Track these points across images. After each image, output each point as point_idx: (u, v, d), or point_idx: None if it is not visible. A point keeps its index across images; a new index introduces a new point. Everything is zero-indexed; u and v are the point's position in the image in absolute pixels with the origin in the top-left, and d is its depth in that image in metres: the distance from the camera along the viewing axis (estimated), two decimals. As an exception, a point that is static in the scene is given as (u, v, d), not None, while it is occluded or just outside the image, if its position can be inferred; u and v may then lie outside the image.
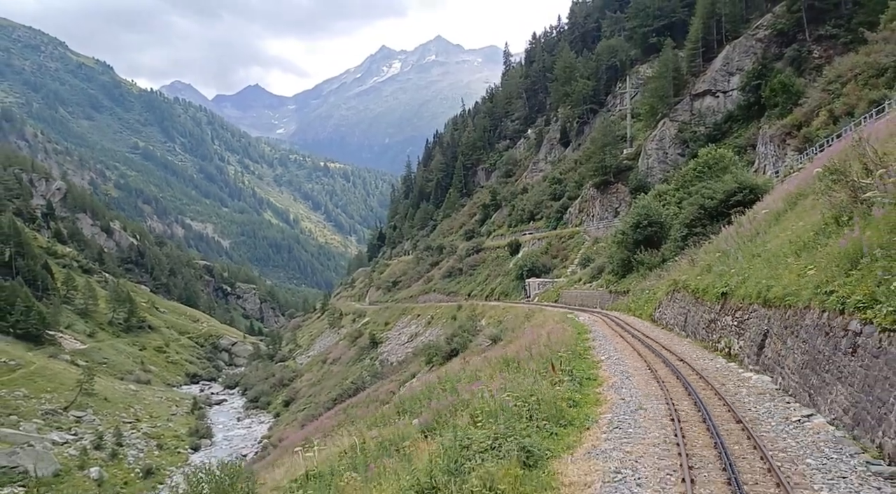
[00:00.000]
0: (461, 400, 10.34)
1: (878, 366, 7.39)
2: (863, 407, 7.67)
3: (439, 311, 73.29)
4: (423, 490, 5.85)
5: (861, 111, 37.69)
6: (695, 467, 7.53)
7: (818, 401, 9.08)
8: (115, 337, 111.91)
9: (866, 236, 8.83)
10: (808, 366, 9.58)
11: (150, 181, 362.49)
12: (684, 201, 32.73)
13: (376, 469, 7.29)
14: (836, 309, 8.72)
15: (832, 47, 57.23)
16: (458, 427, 7.27)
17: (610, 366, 13.48)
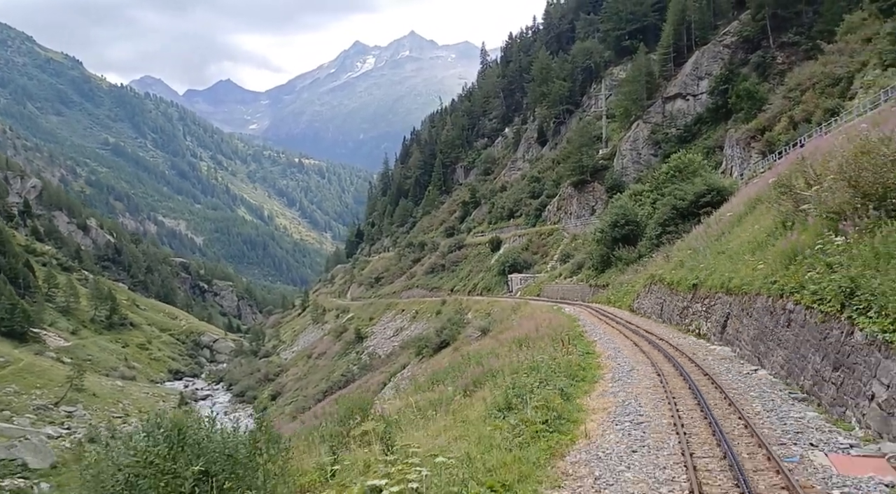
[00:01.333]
0: (490, 369, 13.06)
1: (804, 334, 10.36)
2: (793, 363, 10.64)
3: (424, 306, 75.83)
4: (502, 407, 8.58)
5: (818, 118, 41.15)
6: (676, 398, 10.69)
7: (764, 362, 12.14)
8: (98, 334, 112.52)
9: (801, 239, 11.73)
10: (758, 338, 12.60)
11: (122, 177, 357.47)
12: (658, 202, 35.86)
13: (447, 408, 9.93)
14: (777, 295, 11.68)
15: (794, 54, 60.92)
16: (513, 375, 10.09)
17: (603, 344, 16.35)
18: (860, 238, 9.43)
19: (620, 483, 7.12)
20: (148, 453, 4.97)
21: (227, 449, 5.45)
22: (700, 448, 8.12)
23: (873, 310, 8.20)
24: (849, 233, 9.88)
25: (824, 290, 9.64)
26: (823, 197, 11.56)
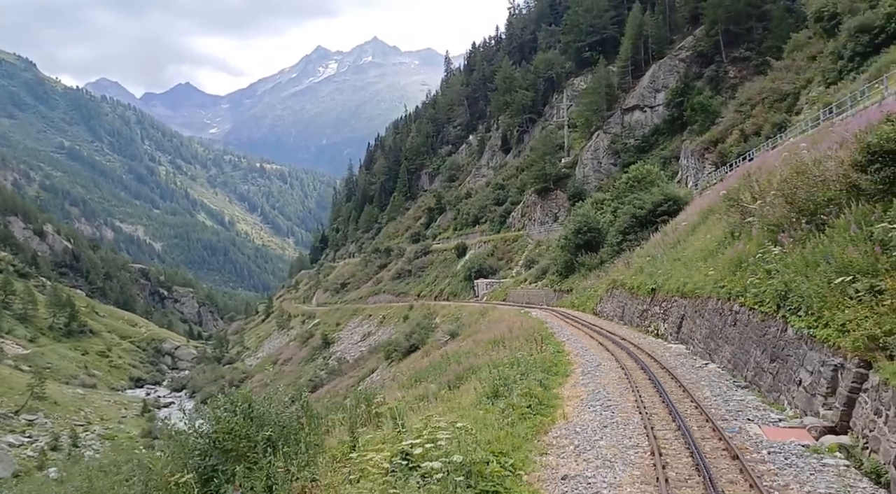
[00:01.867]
0: (472, 366, 14.28)
1: (747, 332, 11.88)
2: (738, 357, 12.17)
3: (391, 311, 76.74)
4: (491, 395, 9.85)
5: (767, 131, 43.59)
6: (639, 387, 12.21)
7: (714, 357, 13.66)
8: (57, 341, 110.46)
9: (746, 248, 13.27)
10: (709, 336, 14.13)
11: (77, 182, 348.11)
12: (618, 210, 37.68)
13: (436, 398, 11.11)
14: (725, 298, 13.21)
15: (745, 68, 63.98)
16: (496, 369, 11.41)
17: (571, 344, 17.74)
18: (793, 248, 10.95)
19: (596, 449, 8.61)
20: (228, 422, 6.11)
21: (281, 422, 6.60)
22: (659, 423, 9.72)
23: (802, 310, 9.69)
24: (785, 244, 11.41)
25: (763, 293, 11.17)
26: (765, 211, 13.12)
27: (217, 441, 5.98)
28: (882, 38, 37.16)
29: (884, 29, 37.16)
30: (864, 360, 7.57)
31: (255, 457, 5.81)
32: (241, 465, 5.66)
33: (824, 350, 8.60)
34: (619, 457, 8.27)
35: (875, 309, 7.69)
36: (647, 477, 7.49)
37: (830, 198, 10.19)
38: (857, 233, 8.82)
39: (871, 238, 8.39)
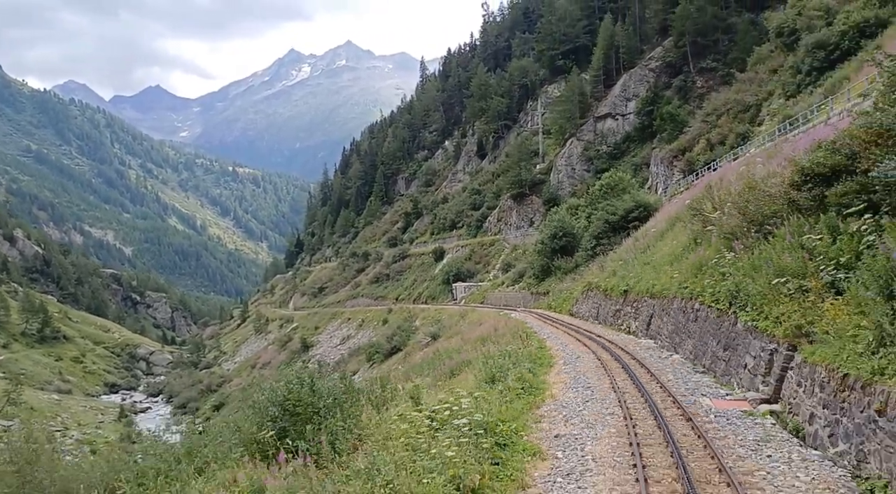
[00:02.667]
0: (465, 360, 15.80)
1: (705, 326, 13.63)
2: (698, 348, 13.91)
3: (370, 315, 77.84)
4: (488, 380, 11.43)
5: (731, 141, 45.85)
6: (613, 373, 13.97)
7: (678, 349, 15.42)
8: (30, 347, 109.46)
9: (706, 254, 15.02)
10: (674, 331, 15.86)
11: (45, 186, 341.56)
12: (592, 216, 39.56)
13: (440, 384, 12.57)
14: (688, 297, 14.94)
15: (712, 79, 66.58)
16: (490, 360, 12.97)
17: (552, 341, 19.34)
18: (744, 254, 12.67)
19: (580, 417, 10.60)
20: (297, 393, 7.62)
21: (333, 394, 8.12)
22: (630, 398, 11.77)
23: (748, 306, 11.41)
24: (737, 250, 13.13)
25: (719, 293, 12.90)
26: (722, 221, 14.86)
27: (288, 407, 7.50)
28: (837, 54, 39.50)
29: (838, 45, 39.50)
30: (791, 345, 9.33)
31: (318, 419, 7.35)
32: (310, 425, 7.17)
33: (763, 338, 10.35)
34: (599, 422, 10.43)
35: (801, 304, 9.41)
36: (621, 434, 9.69)
37: (775, 212, 11.92)
38: (791, 242, 10.54)
39: (802, 246, 10.11)
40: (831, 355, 7.85)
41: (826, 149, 10.39)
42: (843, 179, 9.51)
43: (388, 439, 7.02)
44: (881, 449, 6.71)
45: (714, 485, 7.25)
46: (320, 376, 8.88)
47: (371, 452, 6.23)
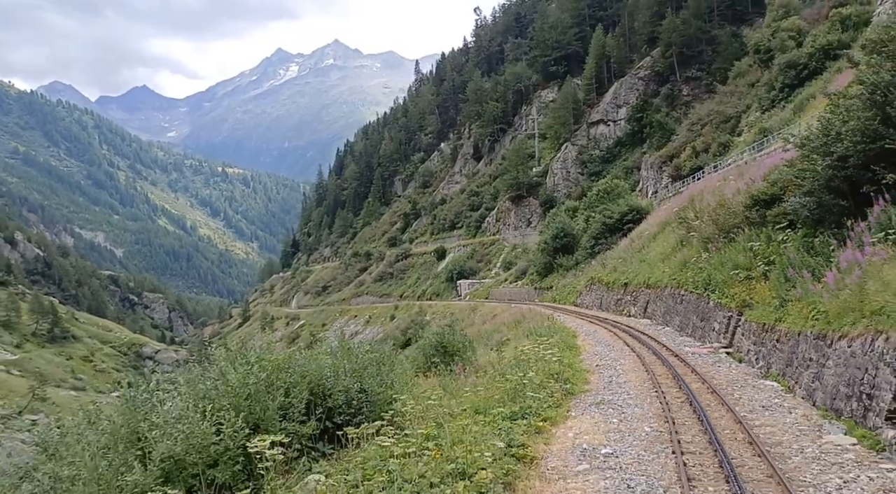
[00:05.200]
0: (505, 337, 20.39)
1: (689, 306, 18.45)
2: (683, 322, 18.71)
3: (377, 311, 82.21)
4: (542, 340, 16.17)
5: (714, 150, 50.58)
6: (622, 338, 18.93)
7: (669, 324, 20.28)
8: (41, 347, 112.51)
9: (689, 253, 19.79)
10: (666, 312, 20.69)
11: (34, 188, 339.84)
12: (591, 219, 44.32)
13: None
14: (676, 286, 19.72)
15: (697, 87, 71.50)
16: (531, 331, 17.66)
17: (570, 323, 23.78)
18: (715, 254, 17.41)
19: (609, 357, 15.89)
20: (449, 338, 12.42)
21: (463, 340, 12.89)
22: (638, 349, 16.66)
23: (716, 291, 16.18)
24: (711, 251, 17.88)
25: (698, 282, 17.65)
26: (701, 228, 19.62)
27: (441, 348, 12.13)
28: (805, 73, 44.41)
29: (806, 66, 44.43)
30: (740, 312, 14.12)
31: (458, 354, 11.95)
32: (456, 356, 11.72)
33: (725, 310, 15.15)
34: (622, 358, 15.55)
35: (747, 287, 14.13)
36: (636, 363, 14.80)
37: (736, 224, 16.57)
38: (744, 246, 15.25)
39: (750, 249, 14.82)
40: (758, 315, 12.69)
41: (768, 182, 15.09)
42: (776, 205, 14.21)
43: (500, 363, 11.69)
44: (777, 360, 11.62)
45: (690, 376, 12.63)
46: (452, 333, 13.44)
47: (488, 370, 10.77)
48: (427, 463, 5.59)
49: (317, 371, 6.96)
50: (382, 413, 7.02)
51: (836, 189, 10.82)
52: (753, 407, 9.86)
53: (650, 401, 10.56)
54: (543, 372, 10.80)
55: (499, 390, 9.35)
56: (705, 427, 8.54)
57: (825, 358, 8.95)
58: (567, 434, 8.59)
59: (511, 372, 10.04)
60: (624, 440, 8.43)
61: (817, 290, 9.91)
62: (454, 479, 5.46)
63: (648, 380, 12.14)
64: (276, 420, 6.04)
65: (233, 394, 6.12)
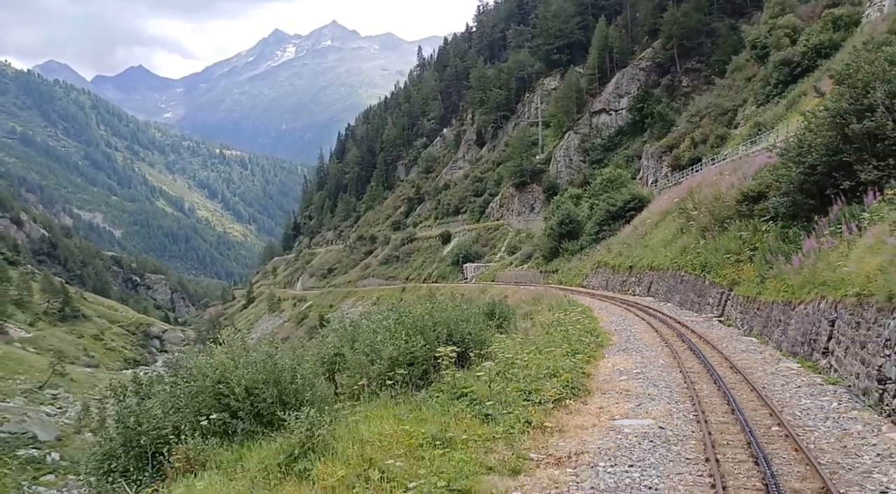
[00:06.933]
0: (527, 312, 23.37)
1: (687, 285, 21.53)
2: (683, 299, 21.82)
3: (384, 293, 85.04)
4: (564, 312, 19.09)
5: (712, 141, 53.18)
6: (633, 312, 21.68)
7: (670, 301, 23.36)
8: (53, 326, 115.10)
9: (688, 240, 22.79)
10: (667, 291, 23.78)
11: (32, 168, 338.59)
12: (595, 206, 47.27)
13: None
14: (676, 268, 22.79)
15: (696, 78, 73.99)
16: (553, 306, 20.70)
17: (581, 300, 26.87)
18: (711, 241, 20.42)
19: (623, 324, 19.08)
20: (498, 307, 15.37)
21: (502, 310, 15.88)
22: (647, 319, 19.66)
23: (711, 272, 19.25)
24: (707, 239, 20.88)
25: (695, 265, 20.71)
26: (699, 218, 22.60)
27: (492, 311, 15.08)
28: (798, 70, 46.97)
29: (799, 64, 46.99)
30: (730, 288, 17.18)
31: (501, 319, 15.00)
32: (495, 319, 14.71)
33: (718, 287, 18.26)
34: (633, 325, 18.63)
35: (735, 268, 17.17)
36: (647, 328, 17.90)
37: (729, 215, 19.53)
38: (735, 235, 18.23)
39: (739, 237, 17.81)
40: (744, 290, 15.78)
41: (756, 180, 18.04)
42: (762, 201, 17.17)
43: (534, 328, 14.68)
44: (757, 323, 14.82)
45: (690, 335, 15.68)
46: (501, 303, 16.43)
47: (529, 330, 13.75)
48: (526, 370, 8.82)
49: (447, 319, 9.93)
50: (479, 349, 10.17)
51: (807, 191, 13.77)
52: (736, 350, 13.28)
53: (661, 349, 13.76)
54: (578, 331, 13.81)
55: (549, 340, 12.37)
56: (702, 360, 12.03)
57: (789, 318, 12.04)
58: (607, 364, 12.00)
59: (553, 330, 13.01)
60: (647, 366, 12.12)
61: (787, 270, 12.96)
62: (548, 378, 8.71)
63: (658, 338, 15.14)
64: (437, 343, 9.11)
65: (418, 328, 9.15)
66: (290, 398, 6.98)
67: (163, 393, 7.43)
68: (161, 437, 6.60)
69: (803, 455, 6.75)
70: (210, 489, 5.32)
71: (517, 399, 8.02)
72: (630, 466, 6.68)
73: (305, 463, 5.52)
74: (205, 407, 6.84)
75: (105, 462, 6.81)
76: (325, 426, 5.94)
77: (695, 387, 9.94)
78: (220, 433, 6.72)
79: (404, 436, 6.31)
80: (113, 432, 6.97)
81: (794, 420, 8.21)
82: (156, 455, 6.58)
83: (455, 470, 5.57)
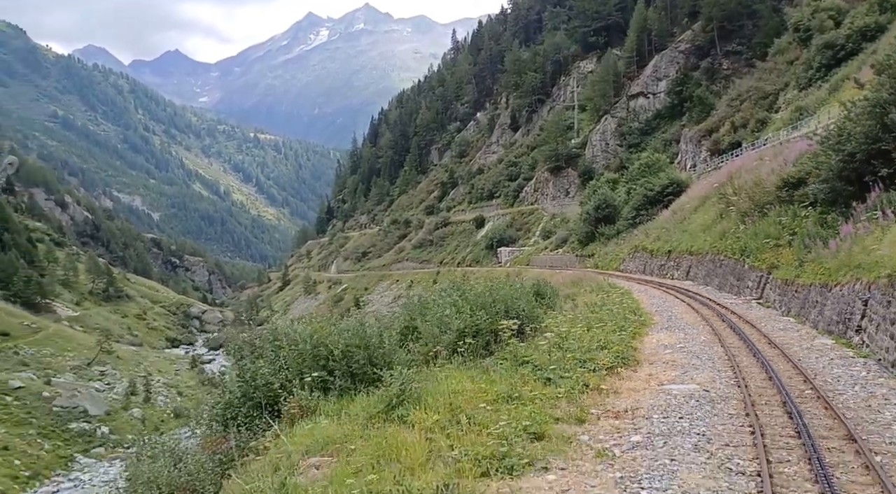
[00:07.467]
0: (568, 294, 24.18)
1: (726, 269, 22.11)
2: (722, 282, 22.43)
3: (419, 276, 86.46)
4: (606, 293, 19.84)
5: (752, 126, 52.68)
6: (673, 295, 22.31)
7: (709, 284, 23.96)
8: (98, 305, 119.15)
9: (727, 225, 23.30)
10: (706, 275, 24.37)
11: (74, 152, 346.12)
12: (632, 191, 47.59)
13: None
14: (716, 253, 23.34)
15: (737, 61, 72.87)
16: (594, 288, 21.48)
17: (621, 283, 27.64)
18: (750, 226, 20.93)
19: (664, 305, 19.69)
20: (543, 287, 16.28)
21: (553, 290, 16.81)
22: (687, 300, 20.31)
23: (751, 256, 19.78)
24: (747, 224, 21.39)
25: (735, 249, 21.26)
26: (739, 204, 23.08)
27: (537, 291, 16.04)
28: (842, 54, 46.32)
29: (843, 47, 46.35)
30: (769, 272, 17.76)
31: (546, 298, 15.93)
32: (546, 299, 15.63)
33: (757, 271, 18.82)
34: (674, 307, 19.27)
35: (775, 252, 17.72)
36: (688, 310, 18.33)
37: (769, 201, 20.02)
38: (774, 220, 18.76)
39: (779, 222, 18.33)
40: (783, 274, 16.35)
41: (796, 167, 18.51)
42: (801, 187, 17.67)
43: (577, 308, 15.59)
44: (794, 304, 15.42)
45: (729, 315, 16.20)
46: (545, 284, 17.36)
47: (573, 310, 14.73)
48: (579, 343, 9.75)
49: (504, 296, 10.88)
50: (533, 324, 11.10)
51: (845, 178, 14.31)
52: (774, 329, 13.96)
53: (702, 327, 14.50)
54: (623, 310, 14.65)
55: (595, 318, 13.28)
56: (741, 336, 12.77)
57: (826, 299, 12.70)
58: (651, 340, 12.83)
59: (598, 310, 13.88)
60: (689, 342, 12.97)
61: (825, 254, 13.57)
62: (599, 349, 9.63)
63: (699, 318, 15.87)
64: (497, 317, 10.06)
65: (480, 304, 10.14)
66: (379, 360, 8.10)
67: (271, 355, 8.58)
68: (271, 391, 7.83)
69: (832, 411, 7.80)
70: (329, 427, 6.45)
71: (574, 366, 8.98)
72: (680, 418, 7.77)
73: (402, 411, 6.57)
74: (305, 367, 8.03)
75: (226, 411, 8.05)
76: (415, 382, 6.96)
77: (735, 359, 10.74)
78: (318, 389, 7.87)
79: (480, 393, 7.32)
80: (233, 386, 8.19)
81: (825, 386, 9.12)
82: (266, 407, 7.76)
83: (529, 419, 6.58)
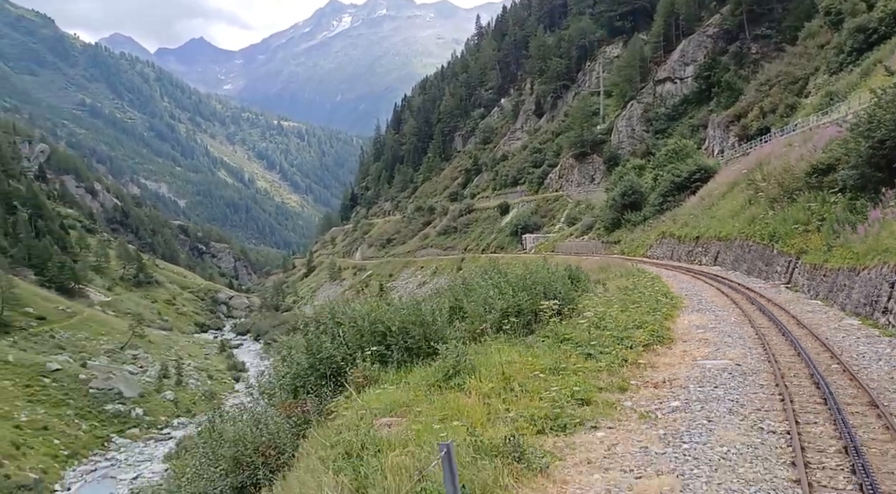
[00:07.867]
0: (597, 280, 24.63)
1: (755, 254, 22.43)
2: (750, 267, 22.73)
3: (443, 263, 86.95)
4: (635, 277, 20.34)
5: (781, 111, 52.21)
6: (701, 280, 22.69)
7: (737, 269, 24.28)
8: (129, 291, 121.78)
9: (756, 211, 23.54)
10: (735, 260, 24.71)
11: (101, 139, 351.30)
12: (659, 177, 47.59)
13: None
14: (744, 238, 23.63)
15: (766, 46, 71.73)
16: (623, 274, 22.01)
17: (650, 269, 27.99)
18: (779, 211, 21.19)
19: (693, 290, 20.24)
20: (574, 272, 16.80)
21: (583, 274, 17.35)
22: (716, 285, 20.70)
23: (779, 241, 20.10)
24: (776, 210, 21.63)
25: (763, 235, 21.55)
26: (768, 190, 23.30)
27: (570, 275, 16.65)
28: (875, 37, 45.64)
29: (876, 30, 45.66)
30: (797, 257, 18.10)
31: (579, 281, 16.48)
32: (581, 283, 16.19)
33: (785, 256, 19.16)
34: (703, 291, 19.82)
35: (804, 237, 18.03)
36: (718, 294, 18.92)
37: (798, 187, 20.25)
38: (804, 206, 19.04)
39: (808, 208, 18.61)
40: (811, 258, 16.72)
41: (826, 153, 18.73)
42: (831, 173, 17.91)
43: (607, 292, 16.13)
44: (823, 288, 15.83)
45: (758, 298, 16.79)
46: (577, 268, 17.91)
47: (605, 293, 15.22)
48: (616, 322, 10.33)
49: (542, 279, 11.47)
50: (570, 305, 11.68)
51: (875, 164, 14.58)
52: (802, 311, 14.44)
53: (732, 309, 15.03)
54: (654, 293, 15.14)
55: (628, 300, 13.80)
56: (770, 317, 13.31)
57: (853, 283, 13.11)
58: (684, 321, 13.35)
59: (631, 293, 14.39)
60: (720, 322, 13.65)
61: (853, 239, 13.93)
62: (634, 329, 10.21)
63: (728, 301, 16.34)
64: (537, 299, 10.69)
65: (521, 286, 10.76)
66: (433, 336, 8.77)
67: (332, 331, 9.30)
68: (334, 363, 8.56)
69: (856, 382, 8.40)
70: (395, 393, 7.13)
71: (612, 343, 9.56)
72: (715, 387, 8.41)
73: (459, 380, 7.22)
74: (364, 342, 8.74)
75: (295, 380, 8.80)
76: (468, 354, 7.60)
77: (765, 338, 11.27)
78: (377, 361, 8.57)
79: (527, 365, 7.94)
80: (301, 358, 8.94)
81: (851, 361, 9.70)
82: (330, 377, 8.50)
83: (576, 386, 7.19)
